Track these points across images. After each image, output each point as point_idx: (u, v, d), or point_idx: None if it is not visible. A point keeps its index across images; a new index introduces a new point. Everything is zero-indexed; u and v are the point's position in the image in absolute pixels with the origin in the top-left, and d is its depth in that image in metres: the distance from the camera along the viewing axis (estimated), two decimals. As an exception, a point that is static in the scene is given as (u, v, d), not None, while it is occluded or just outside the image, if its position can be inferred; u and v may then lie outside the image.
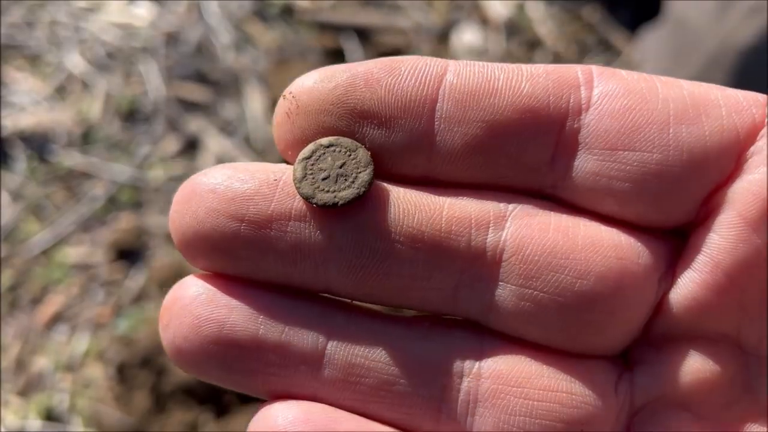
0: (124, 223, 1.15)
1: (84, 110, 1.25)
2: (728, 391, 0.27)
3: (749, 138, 0.26)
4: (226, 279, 0.27)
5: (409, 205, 0.26)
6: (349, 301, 0.27)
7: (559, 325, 0.26)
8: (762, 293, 0.26)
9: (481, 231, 0.26)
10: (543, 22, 1.41)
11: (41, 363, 1.04)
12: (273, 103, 1.24)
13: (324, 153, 0.26)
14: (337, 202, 0.26)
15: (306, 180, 0.26)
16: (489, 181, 0.27)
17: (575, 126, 0.26)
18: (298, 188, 0.26)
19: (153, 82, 1.27)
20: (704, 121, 0.25)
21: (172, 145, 1.22)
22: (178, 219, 0.26)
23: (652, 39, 1.28)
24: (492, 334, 0.27)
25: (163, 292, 1.06)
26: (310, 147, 0.26)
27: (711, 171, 0.26)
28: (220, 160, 1.20)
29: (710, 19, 1.12)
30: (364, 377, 0.26)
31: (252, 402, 0.94)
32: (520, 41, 1.39)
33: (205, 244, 0.26)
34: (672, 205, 0.26)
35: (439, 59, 0.26)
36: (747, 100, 0.26)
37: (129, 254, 1.12)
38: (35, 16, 1.34)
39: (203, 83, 1.28)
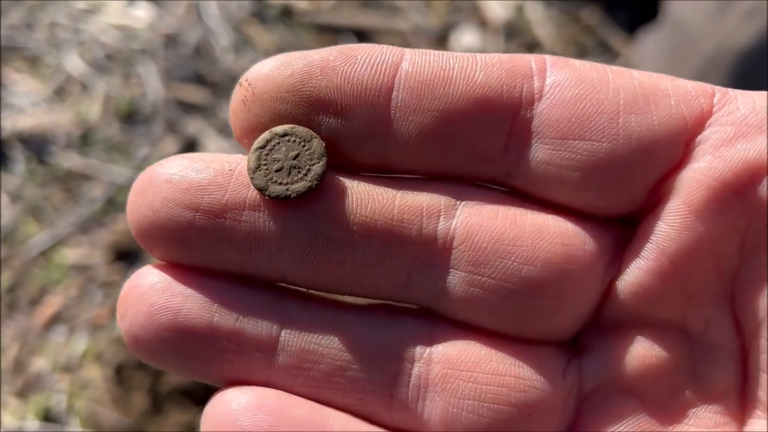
0: (122, 224, 1.15)
1: (83, 112, 1.25)
2: (674, 376, 0.27)
3: (697, 127, 0.26)
4: (182, 269, 0.27)
5: (363, 195, 0.27)
6: (304, 290, 0.28)
7: (507, 311, 0.27)
8: (705, 280, 0.26)
9: (432, 219, 0.27)
10: (542, 24, 1.41)
11: (39, 364, 1.04)
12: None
13: (279, 143, 0.26)
14: (290, 195, 0.26)
15: (260, 171, 0.26)
16: (443, 169, 0.27)
17: (528, 115, 0.26)
18: (251, 179, 0.26)
19: (152, 83, 1.27)
20: (653, 111, 0.26)
21: (171, 146, 1.22)
22: (135, 209, 0.27)
23: (651, 41, 1.28)
24: (443, 321, 0.28)
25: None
26: (265, 136, 0.26)
27: (659, 159, 0.26)
28: (219, 161, 1.20)
29: (708, 20, 1.12)
30: (317, 363, 0.26)
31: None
32: (518, 43, 1.39)
33: (161, 234, 0.26)
34: (620, 194, 0.27)
35: (396, 47, 0.26)
36: (695, 90, 0.27)
37: (127, 256, 1.12)
38: (34, 17, 1.34)
39: (202, 85, 1.29)
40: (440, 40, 1.38)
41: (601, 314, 0.28)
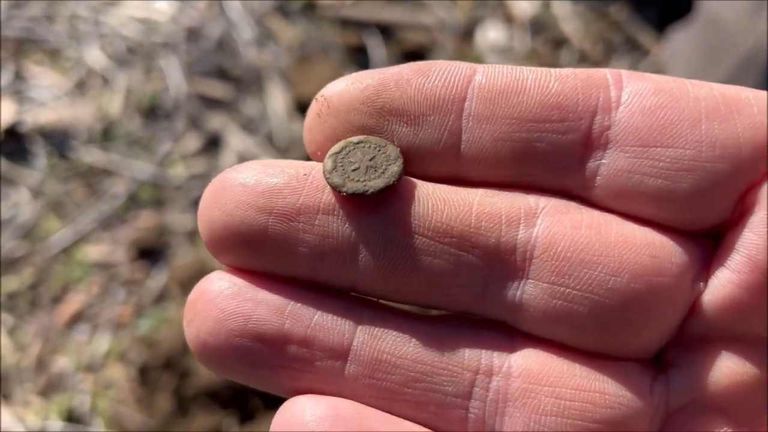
0: (145, 221, 1.13)
1: (104, 106, 1.23)
2: (764, 394, 0.26)
3: None
4: (252, 274, 0.27)
5: (438, 201, 0.26)
6: (376, 300, 0.27)
7: (592, 325, 0.26)
8: None
9: (511, 227, 0.26)
10: (569, 20, 1.39)
11: (62, 363, 1.03)
12: (296, 101, 1.22)
13: (354, 148, 0.27)
14: (367, 191, 0.26)
15: (336, 171, 0.26)
16: (517, 181, 0.27)
17: (605, 123, 0.26)
18: (327, 179, 0.26)
19: (174, 78, 1.26)
20: (736, 119, 0.25)
21: (193, 142, 1.21)
22: (207, 213, 0.26)
23: (682, 38, 1.26)
24: (521, 335, 0.27)
25: (185, 292, 1.04)
26: (340, 144, 0.27)
27: (745, 169, 0.25)
28: (242, 157, 1.19)
29: (745, 19, 1.10)
30: (390, 374, 0.26)
31: (277, 406, 0.92)
32: (545, 39, 1.37)
33: (233, 238, 0.26)
34: (706, 204, 0.26)
35: (469, 63, 0.27)
36: None
37: (150, 253, 1.11)
38: (55, 10, 1.32)
39: (225, 80, 1.27)
40: (465, 35, 1.36)
41: (687, 329, 0.27)
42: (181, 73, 1.26)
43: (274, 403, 0.93)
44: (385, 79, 0.26)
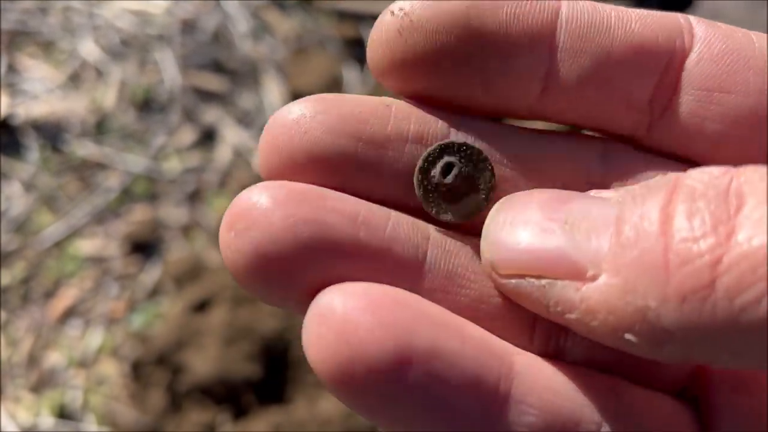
0: (138, 215, 1.12)
1: (98, 99, 1.22)
2: None
3: None
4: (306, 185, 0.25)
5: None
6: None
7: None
8: None
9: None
10: (568, 13, 1.38)
11: (54, 358, 1.01)
12: (292, 94, 1.21)
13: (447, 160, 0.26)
14: (450, 220, 0.26)
15: (423, 186, 0.25)
16: (591, 119, 0.27)
17: (677, 67, 0.26)
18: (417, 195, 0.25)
19: (169, 70, 1.24)
20: None
21: (188, 135, 1.20)
22: (286, 139, 0.24)
23: (682, 32, 1.25)
24: None
25: (179, 287, 1.03)
26: (433, 148, 0.25)
27: None
28: (238, 151, 1.17)
29: (746, 13, 1.09)
30: (465, 288, 0.25)
31: (271, 404, 0.91)
32: (544, 33, 1.36)
33: (317, 167, 0.24)
34: (759, 150, 0.26)
35: None
36: None
37: (144, 247, 1.10)
38: (48, 2, 1.31)
39: (220, 72, 1.25)
40: (463, 28, 1.35)
41: None
42: (175, 66, 1.25)
43: (267, 400, 0.92)
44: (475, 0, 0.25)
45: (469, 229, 0.26)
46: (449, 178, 0.25)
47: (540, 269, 0.22)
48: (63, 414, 0.97)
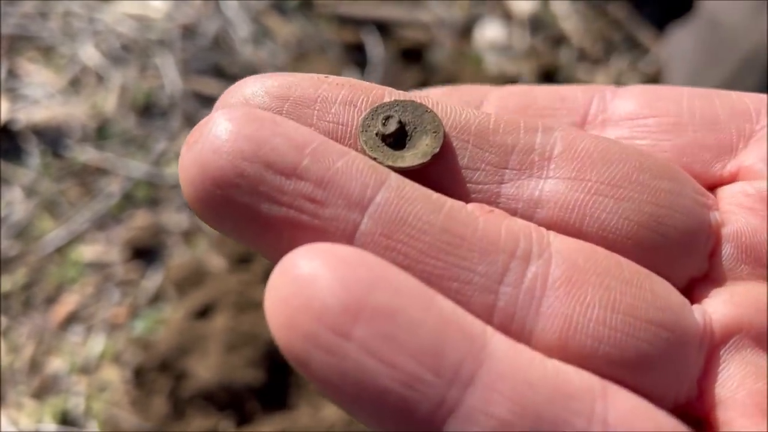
0: (140, 220, 1.12)
1: (99, 104, 1.21)
2: None
3: None
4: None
5: (454, 107, 0.26)
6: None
7: (620, 218, 0.25)
8: None
9: (529, 134, 0.26)
10: (568, 18, 1.38)
11: (56, 364, 1.01)
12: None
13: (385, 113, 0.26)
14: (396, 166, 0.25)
15: (366, 136, 0.25)
16: None
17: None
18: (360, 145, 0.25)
19: (169, 75, 1.24)
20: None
21: (189, 140, 1.19)
22: (227, 100, 0.25)
23: (682, 37, 1.25)
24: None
25: (180, 293, 1.03)
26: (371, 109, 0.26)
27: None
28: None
29: (746, 18, 1.09)
30: (413, 239, 0.22)
31: (275, 410, 0.91)
32: (544, 37, 1.36)
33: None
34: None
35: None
36: None
37: (145, 253, 1.10)
38: (48, 6, 1.31)
39: (221, 77, 1.25)
40: (464, 33, 1.35)
41: (715, 260, 0.26)
42: (176, 71, 1.25)
43: (270, 406, 0.92)
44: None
45: (425, 177, 0.25)
46: (391, 126, 0.25)
47: None
48: (65, 420, 0.97)
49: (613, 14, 1.38)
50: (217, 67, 1.26)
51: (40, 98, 1.22)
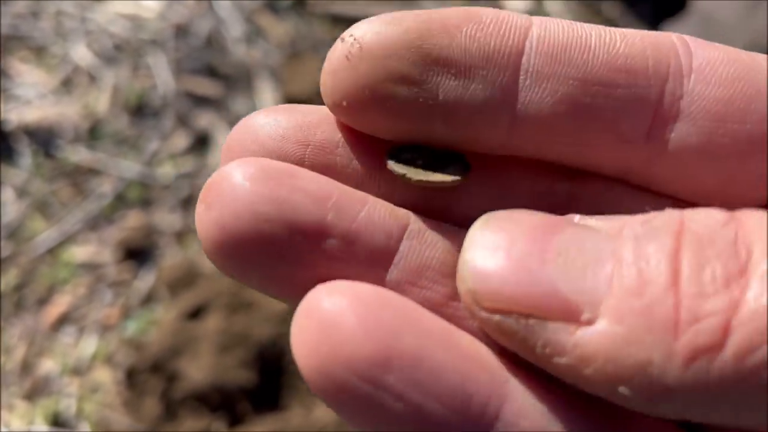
0: (132, 221, 1.12)
1: (91, 104, 1.21)
2: None
3: None
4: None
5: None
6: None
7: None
8: None
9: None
10: (561, 17, 1.38)
11: (48, 366, 1.01)
12: (285, 98, 1.21)
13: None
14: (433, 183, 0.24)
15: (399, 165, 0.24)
16: (574, 155, 0.24)
17: (677, 93, 0.23)
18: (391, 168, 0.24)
19: (162, 75, 1.24)
20: None
21: (181, 140, 1.19)
22: (239, 147, 0.24)
23: (675, 36, 1.25)
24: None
25: (173, 293, 1.03)
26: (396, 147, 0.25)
27: None
28: (231, 157, 1.17)
29: (739, 16, 1.09)
30: (438, 284, 0.23)
31: (267, 411, 0.91)
32: (538, 36, 1.36)
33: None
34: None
35: (523, 14, 0.24)
36: None
37: (138, 254, 1.09)
38: (40, 6, 1.30)
39: (213, 77, 1.25)
40: (457, 32, 1.35)
41: None
42: (169, 71, 1.24)
43: (263, 408, 0.92)
44: (430, 23, 0.23)
45: (449, 213, 0.25)
46: (423, 153, 0.24)
47: (530, 307, 0.20)
48: (57, 422, 0.97)
49: (606, 13, 1.38)
50: (210, 66, 1.26)
51: (32, 98, 1.21)
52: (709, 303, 0.18)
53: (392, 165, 0.24)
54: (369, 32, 0.23)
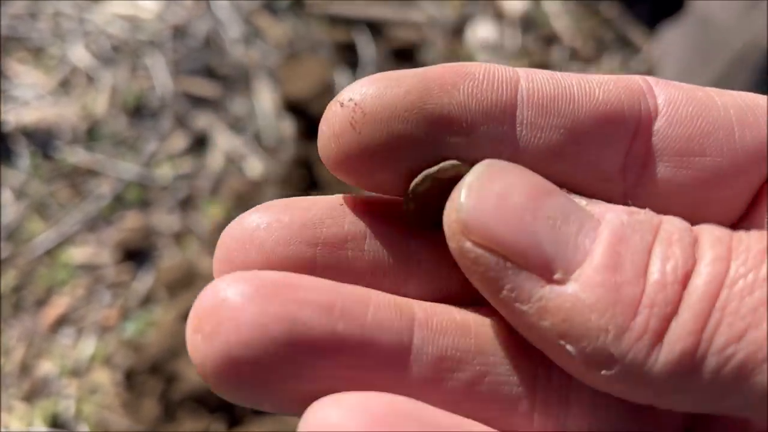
0: (130, 222, 1.12)
1: (89, 105, 1.21)
2: None
3: None
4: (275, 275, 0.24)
5: None
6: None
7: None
8: None
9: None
10: (559, 17, 1.38)
11: (46, 367, 1.01)
12: (284, 99, 1.21)
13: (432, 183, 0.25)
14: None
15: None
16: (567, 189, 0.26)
17: (647, 133, 0.26)
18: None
19: (160, 76, 1.24)
20: (762, 125, 0.26)
21: (180, 141, 1.19)
22: (242, 256, 0.24)
23: (673, 36, 1.25)
24: None
25: (171, 294, 1.03)
26: (421, 177, 0.25)
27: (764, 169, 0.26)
28: (230, 157, 1.17)
29: (737, 17, 1.09)
30: (456, 372, 0.23)
31: (266, 414, 0.91)
32: (536, 37, 1.36)
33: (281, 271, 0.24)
34: (737, 205, 0.26)
35: (505, 66, 0.26)
36: None
37: (136, 255, 1.09)
38: (38, 7, 1.30)
39: (212, 78, 1.25)
40: (455, 32, 1.35)
41: None
42: (167, 72, 1.24)
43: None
44: (427, 82, 0.24)
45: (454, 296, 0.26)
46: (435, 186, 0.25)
47: (512, 252, 0.22)
48: (56, 423, 0.97)
49: (604, 13, 1.38)
50: (208, 67, 1.26)
51: (30, 99, 1.21)
52: (666, 292, 0.21)
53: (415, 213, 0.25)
54: (369, 96, 0.24)
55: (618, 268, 0.21)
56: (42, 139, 1.18)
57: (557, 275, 0.21)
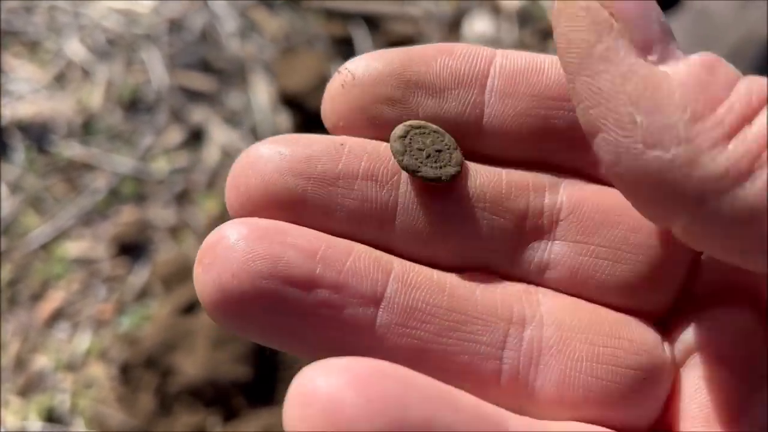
0: (126, 216, 1.11)
1: (84, 99, 1.21)
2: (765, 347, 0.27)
3: None
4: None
5: (471, 170, 0.28)
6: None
7: (614, 279, 0.28)
8: None
9: (538, 194, 0.28)
10: (557, 11, 1.37)
11: (42, 362, 1.01)
12: (280, 93, 1.20)
13: (416, 134, 0.28)
14: (441, 177, 0.27)
15: (407, 154, 0.27)
16: (536, 158, 0.28)
17: None
18: (400, 161, 0.27)
19: (156, 70, 1.23)
20: None
21: (175, 135, 1.19)
22: (243, 180, 0.26)
23: (671, 29, 1.25)
24: (548, 292, 0.28)
25: (167, 289, 1.03)
26: (402, 128, 0.28)
27: None
28: (226, 151, 1.17)
29: (734, 10, 1.09)
30: (425, 323, 0.25)
31: (261, 406, 0.91)
32: (532, 31, 1.35)
33: (271, 203, 0.26)
34: None
35: (488, 48, 0.28)
36: None
37: (132, 249, 1.09)
38: (33, 1, 1.29)
39: (208, 72, 1.25)
40: (452, 27, 1.34)
41: (690, 286, 0.28)
42: (163, 66, 1.24)
43: (258, 402, 0.92)
44: (410, 55, 0.28)
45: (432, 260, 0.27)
46: (426, 141, 0.27)
47: (625, 16, 0.23)
48: (51, 418, 0.96)
49: (601, 7, 1.38)
50: (204, 61, 1.25)
51: (26, 93, 1.21)
52: (747, 103, 0.22)
53: (399, 155, 0.27)
54: (360, 65, 0.28)
55: (712, 71, 0.22)
56: (37, 133, 1.18)
57: (652, 57, 0.23)
